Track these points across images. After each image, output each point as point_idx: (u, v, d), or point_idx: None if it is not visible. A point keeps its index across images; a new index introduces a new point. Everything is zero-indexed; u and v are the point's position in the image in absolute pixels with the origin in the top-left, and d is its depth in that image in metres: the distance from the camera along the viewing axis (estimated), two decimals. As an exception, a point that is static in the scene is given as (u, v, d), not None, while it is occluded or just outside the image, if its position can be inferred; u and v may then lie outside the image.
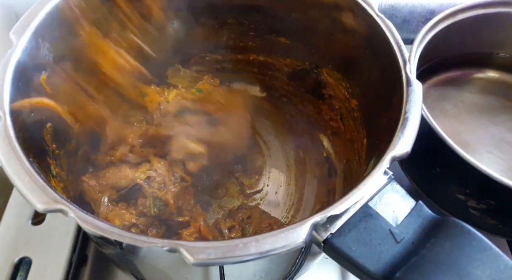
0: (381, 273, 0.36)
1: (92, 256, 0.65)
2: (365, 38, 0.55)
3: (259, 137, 0.77)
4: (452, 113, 0.71)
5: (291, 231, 0.35)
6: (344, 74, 0.66)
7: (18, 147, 0.40)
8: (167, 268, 0.51)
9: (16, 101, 0.44)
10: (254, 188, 0.72)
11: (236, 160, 0.71)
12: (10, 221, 0.65)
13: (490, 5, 0.68)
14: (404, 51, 0.49)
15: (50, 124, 0.53)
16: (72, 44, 0.55)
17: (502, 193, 0.52)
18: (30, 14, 0.49)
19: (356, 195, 0.38)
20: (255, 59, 0.76)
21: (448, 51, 0.73)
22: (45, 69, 0.52)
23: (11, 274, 0.60)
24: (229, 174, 0.71)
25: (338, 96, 0.68)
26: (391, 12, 0.88)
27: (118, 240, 0.35)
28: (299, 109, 0.77)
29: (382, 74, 0.53)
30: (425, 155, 0.60)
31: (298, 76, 0.75)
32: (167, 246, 0.34)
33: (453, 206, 0.61)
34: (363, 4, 0.53)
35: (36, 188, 0.37)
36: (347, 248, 0.37)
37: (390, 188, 0.41)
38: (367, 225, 0.39)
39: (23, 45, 0.47)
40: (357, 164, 0.62)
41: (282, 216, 0.68)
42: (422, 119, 0.46)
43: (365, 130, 0.61)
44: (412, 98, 0.45)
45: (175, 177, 0.59)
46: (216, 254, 0.34)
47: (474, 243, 0.36)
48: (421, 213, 0.40)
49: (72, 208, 0.36)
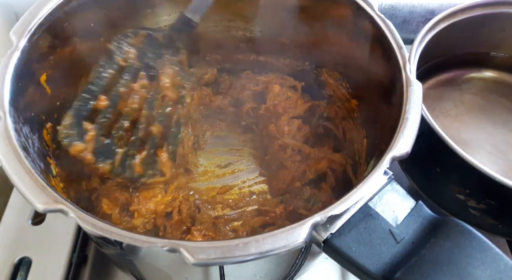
0: (381, 273, 0.36)
1: (92, 256, 0.65)
2: (365, 38, 0.55)
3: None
4: (452, 113, 0.71)
5: (291, 231, 0.35)
6: (344, 74, 0.66)
7: (18, 147, 0.40)
8: (167, 268, 0.51)
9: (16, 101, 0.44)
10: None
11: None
12: (10, 221, 0.65)
13: (490, 5, 0.68)
14: (404, 51, 0.49)
15: (50, 124, 0.53)
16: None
17: (502, 193, 0.52)
18: (30, 14, 0.49)
19: (356, 195, 0.38)
20: (255, 59, 0.76)
21: (448, 51, 0.73)
22: (45, 69, 0.52)
23: (11, 274, 0.60)
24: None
25: (338, 96, 0.68)
26: (391, 12, 0.88)
27: (118, 240, 0.35)
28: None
29: (382, 74, 0.53)
30: (425, 155, 0.60)
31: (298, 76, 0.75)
32: (167, 246, 0.34)
33: (453, 206, 0.61)
34: (363, 4, 0.53)
35: (36, 188, 0.37)
36: (347, 248, 0.37)
37: (390, 188, 0.41)
38: (367, 225, 0.39)
39: (23, 45, 0.47)
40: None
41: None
42: (422, 119, 0.46)
43: (365, 130, 0.61)
44: (412, 98, 0.45)
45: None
46: (216, 254, 0.34)
47: (474, 243, 0.36)
48: (421, 213, 0.40)
49: (72, 208, 0.36)
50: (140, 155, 0.59)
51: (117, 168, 0.57)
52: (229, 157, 0.77)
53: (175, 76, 0.64)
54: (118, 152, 0.57)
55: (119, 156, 0.57)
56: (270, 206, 0.68)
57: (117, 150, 0.57)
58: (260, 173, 0.75)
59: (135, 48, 0.60)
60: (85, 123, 0.54)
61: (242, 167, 0.76)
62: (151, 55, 0.62)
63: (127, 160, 0.58)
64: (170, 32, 0.63)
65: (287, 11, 0.65)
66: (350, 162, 0.65)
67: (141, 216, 0.59)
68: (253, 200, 0.71)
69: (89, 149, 0.54)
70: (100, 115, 0.56)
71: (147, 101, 0.61)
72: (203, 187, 0.73)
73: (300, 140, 0.71)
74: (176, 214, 0.60)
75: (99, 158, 0.55)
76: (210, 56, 0.76)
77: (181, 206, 0.61)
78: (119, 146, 0.57)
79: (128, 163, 0.58)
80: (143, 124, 0.60)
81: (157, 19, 0.67)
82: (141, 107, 0.60)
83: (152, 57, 0.62)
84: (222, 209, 0.70)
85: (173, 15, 0.68)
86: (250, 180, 0.74)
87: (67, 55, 0.56)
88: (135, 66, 0.60)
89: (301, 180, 0.68)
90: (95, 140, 0.55)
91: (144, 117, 0.60)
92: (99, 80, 0.57)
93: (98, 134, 0.55)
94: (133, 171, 0.58)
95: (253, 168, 0.76)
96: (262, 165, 0.76)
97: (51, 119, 0.53)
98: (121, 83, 0.59)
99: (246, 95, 0.77)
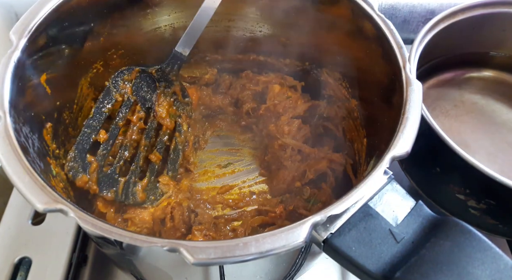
0: (381, 272, 0.36)
1: (92, 256, 0.65)
2: (365, 38, 0.55)
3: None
4: (452, 113, 0.71)
5: (291, 231, 0.35)
6: (344, 74, 0.66)
7: (18, 147, 0.40)
8: (167, 268, 0.51)
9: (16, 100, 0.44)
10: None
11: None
12: (10, 221, 0.65)
13: (490, 5, 0.68)
14: (404, 51, 0.49)
15: (50, 124, 0.53)
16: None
17: (502, 193, 0.52)
18: (30, 14, 0.49)
19: (356, 195, 0.38)
20: (255, 59, 0.76)
21: (448, 51, 0.73)
22: (45, 69, 0.52)
23: (11, 274, 0.60)
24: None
25: (338, 96, 0.68)
26: (391, 12, 0.88)
27: (118, 240, 0.35)
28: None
29: (382, 74, 0.53)
30: (425, 155, 0.60)
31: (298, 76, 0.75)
32: (167, 246, 0.34)
33: (453, 206, 0.61)
34: (363, 4, 0.53)
35: (36, 188, 0.37)
36: (347, 248, 0.37)
37: (390, 188, 0.41)
38: (367, 225, 0.39)
39: (23, 45, 0.47)
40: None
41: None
42: (422, 119, 0.46)
43: (365, 130, 0.61)
44: (412, 98, 0.45)
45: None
46: (216, 254, 0.34)
47: (474, 243, 0.36)
48: (421, 213, 0.40)
49: (72, 208, 0.36)
50: (141, 183, 0.63)
51: (121, 195, 0.60)
52: (229, 157, 0.77)
53: (170, 106, 0.69)
54: (121, 181, 0.61)
55: (121, 184, 0.61)
56: (270, 206, 0.68)
57: (119, 179, 0.61)
58: (260, 173, 0.75)
59: (130, 83, 0.65)
60: (88, 156, 0.59)
61: (242, 167, 0.76)
62: (146, 88, 0.67)
63: (129, 188, 0.61)
64: (163, 66, 0.67)
65: (287, 11, 0.65)
66: (350, 162, 0.65)
67: (134, 225, 0.60)
68: (253, 200, 0.71)
69: (93, 180, 0.58)
70: (102, 147, 0.61)
71: (145, 132, 0.66)
72: (203, 187, 0.73)
73: (300, 140, 0.71)
74: (168, 221, 0.61)
75: (103, 188, 0.59)
76: (210, 56, 0.76)
77: (173, 213, 0.62)
78: (121, 175, 0.62)
79: (131, 190, 0.61)
80: (142, 153, 0.64)
81: (157, 19, 0.67)
82: (139, 138, 0.65)
83: (147, 90, 0.67)
84: (222, 209, 0.70)
85: (173, 15, 0.68)
86: (250, 180, 0.74)
87: (67, 55, 0.56)
88: (131, 100, 0.65)
89: (301, 180, 0.68)
90: (98, 171, 0.59)
91: (143, 147, 0.65)
92: (99, 115, 0.62)
93: (100, 165, 0.59)
94: (135, 198, 0.61)
95: (253, 168, 0.76)
96: (262, 165, 0.76)
97: (51, 119, 0.54)
98: (120, 116, 0.64)
99: (246, 95, 0.77)
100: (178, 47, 0.65)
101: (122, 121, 0.64)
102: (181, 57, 0.66)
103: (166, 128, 0.68)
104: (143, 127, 0.66)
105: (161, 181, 0.65)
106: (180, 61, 0.66)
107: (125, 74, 0.65)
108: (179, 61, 0.66)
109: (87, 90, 0.62)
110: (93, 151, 0.60)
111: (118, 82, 0.64)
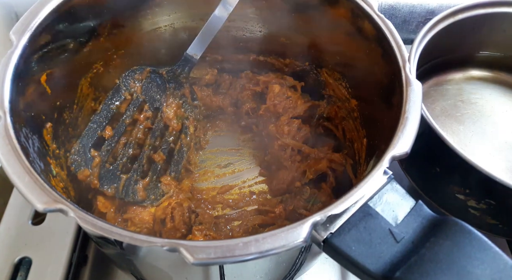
0: (381, 272, 0.36)
1: (92, 256, 0.65)
2: (365, 38, 0.55)
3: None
4: (452, 113, 0.71)
5: (291, 230, 0.35)
6: (344, 74, 0.66)
7: (18, 147, 0.40)
8: (167, 268, 0.51)
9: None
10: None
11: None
12: (10, 221, 0.65)
13: (490, 5, 0.68)
14: (404, 51, 0.49)
15: (50, 124, 0.53)
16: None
17: (502, 193, 0.52)
18: (30, 14, 0.49)
19: (356, 195, 0.38)
20: (255, 59, 0.76)
21: (448, 51, 0.73)
22: (45, 69, 0.52)
23: (11, 274, 0.60)
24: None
25: (338, 96, 0.68)
26: (391, 12, 0.88)
27: (118, 240, 0.35)
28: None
29: (382, 74, 0.53)
30: (425, 155, 0.60)
31: (298, 76, 0.75)
32: (167, 246, 0.34)
33: (453, 206, 0.61)
34: (363, 4, 0.53)
35: (36, 188, 0.37)
36: (347, 248, 0.37)
37: (390, 188, 0.41)
38: (367, 224, 0.39)
39: (23, 45, 0.47)
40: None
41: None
42: (422, 119, 0.46)
43: (365, 130, 0.61)
44: (412, 98, 0.45)
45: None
46: (216, 253, 0.34)
47: (474, 242, 0.36)
48: (421, 213, 0.40)
49: (72, 208, 0.36)
50: (143, 181, 0.63)
51: (121, 192, 0.60)
52: (229, 157, 0.77)
53: (178, 108, 0.70)
54: (122, 177, 0.61)
55: (122, 181, 0.61)
56: (270, 206, 0.68)
57: (121, 176, 0.61)
58: (260, 173, 0.75)
59: (141, 82, 0.66)
60: (92, 151, 0.59)
61: (242, 167, 0.76)
62: (156, 89, 0.68)
63: (130, 185, 0.61)
64: (174, 68, 0.68)
65: (287, 11, 0.65)
66: (350, 162, 0.65)
67: (134, 225, 0.60)
68: (253, 200, 0.71)
69: (95, 175, 0.58)
70: (106, 143, 0.61)
71: (151, 131, 0.66)
72: (203, 187, 0.73)
73: (300, 140, 0.71)
74: (169, 221, 0.61)
75: (104, 182, 0.59)
76: (210, 56, 0.76)
77: (174, 213, 0.62)
78: (123, 172, 0.62)
79: (132, 188, 0.61)
80: (146, 152, 0.65)
81: (157, 19, 0.67)
82: (145, 137, 0.66)
83: (156, 90, 0.68)
84: (222, 209, 0.70)
85: (173, 15, 0.68)
86: (250, 180, 0.75)
87: (67, 55, 0.56)
88: (140, 99, 0.66)
89: (301, 180, 0.68)
90: (101, 166, 0.59)
91: (147, 146, 0.65)
92: (107, 112, 0.63)
93: (103, 160, 0.60)
94: (135, 196, 0.61)
95: (253, 168, 0.76)
96: (262, 165, 0.76)
97: (51, 119, 0.54)
98: (127, 114, 0.64)
99: (246, 95, 0.77)
100: (189, 50, 0.67)
101: (129, 119, 0.64)
102: (192, 60, 0.67)
103: (173, 129, 0.68)
104: (149, 126, 0.67)
105: (163, 181, 0.65)
106: (191, 64, 0.68)
107: (136, 73, 0.66)
108: (189, 64, 0.68)
109: (87, 90, 0.62)
110: (98, 147, 0.60)
111: (128, 80, 0.65)
